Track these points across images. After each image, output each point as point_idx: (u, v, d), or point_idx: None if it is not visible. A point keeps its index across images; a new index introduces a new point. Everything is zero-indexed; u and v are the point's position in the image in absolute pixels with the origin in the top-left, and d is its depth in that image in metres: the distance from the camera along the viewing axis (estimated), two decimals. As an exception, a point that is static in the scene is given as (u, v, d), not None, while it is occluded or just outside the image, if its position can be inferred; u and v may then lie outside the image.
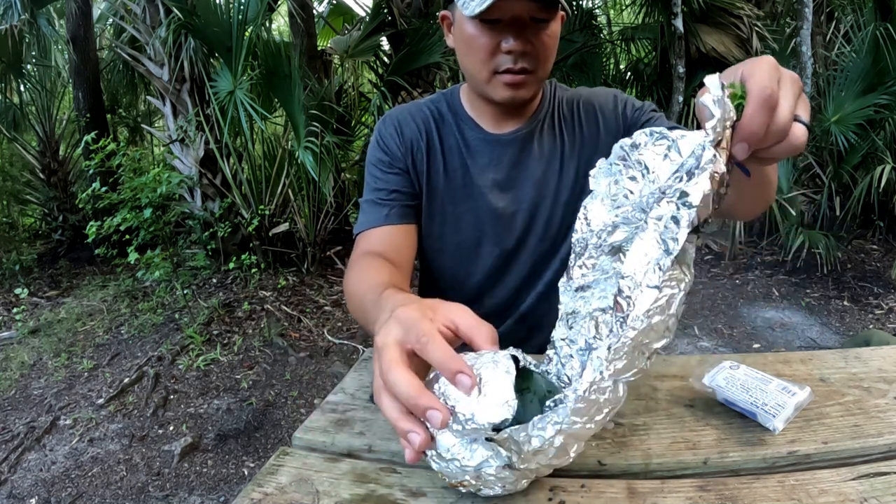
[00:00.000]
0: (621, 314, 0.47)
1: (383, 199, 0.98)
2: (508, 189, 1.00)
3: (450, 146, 1.01)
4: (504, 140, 0.99)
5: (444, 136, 1.02)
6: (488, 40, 0.86)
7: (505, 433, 0.49)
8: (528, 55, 0.86)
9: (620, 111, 0.99)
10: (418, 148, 1.00)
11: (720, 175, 0.47)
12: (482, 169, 1.00)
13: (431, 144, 1.01)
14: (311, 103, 4.15)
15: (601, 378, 0.48)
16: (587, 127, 1.00)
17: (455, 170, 1.01)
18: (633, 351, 0.47)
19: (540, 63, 0.88)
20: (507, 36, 0.84)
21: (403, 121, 1.02)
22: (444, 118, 1.02)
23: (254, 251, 4.34)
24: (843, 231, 4.30)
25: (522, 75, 0.88)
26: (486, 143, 0.99)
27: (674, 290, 0.47)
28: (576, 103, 1.02)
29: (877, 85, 4.09)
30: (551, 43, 0.89)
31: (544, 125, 1.00)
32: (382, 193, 0.98)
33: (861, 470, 0.55)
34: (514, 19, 0.84)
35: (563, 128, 1.00)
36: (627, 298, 0.47)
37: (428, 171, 1.01)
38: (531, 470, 0.52)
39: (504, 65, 0.87)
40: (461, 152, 1.01)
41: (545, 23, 0.86)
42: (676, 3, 4.50)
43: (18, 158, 5.70)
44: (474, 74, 0.92)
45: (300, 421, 2.66)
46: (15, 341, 3.56)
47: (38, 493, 2.20)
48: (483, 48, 0.87)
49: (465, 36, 0.89)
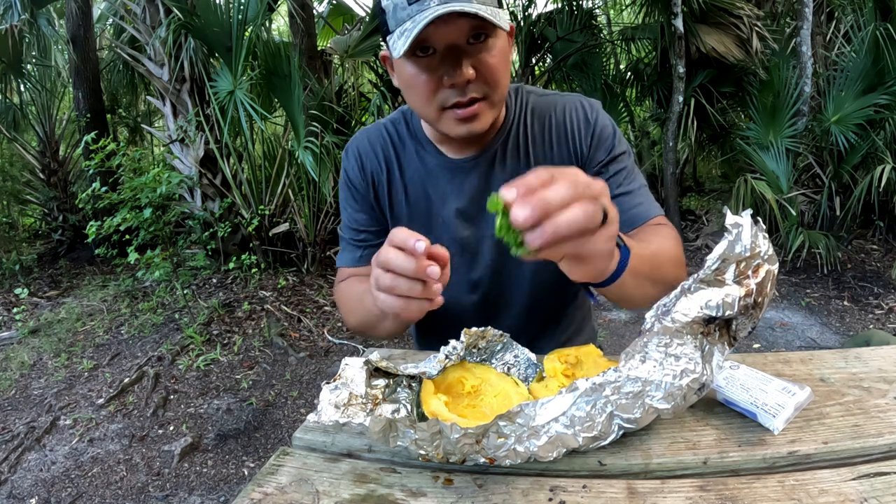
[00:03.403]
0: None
1: (355, 239, 1.00)
2: (472, 218, 0.94)
3: (411, 176, 0.96)
4: (466, 166, 0.92)
5: (405, 163, 0.96)
6: (427, 76, 0.77)
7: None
8: (475, 83, 0.78)
9: (590, 145, 0.91)
10: (379, 181, 0.97)
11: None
12: (444, 198, 0.94)
13: (392, 175, 0.96)
14: (311, 103, 4.15)
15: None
16: (557, 151, 0.92)
17: (417, 200, 0.96)
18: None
19: (491, 87, 0.79)
20: (447, 67, 0.76)
21: (364, 152, 0.97)
22: (404, 142, 0.96)
23: (254, 251, 4.34)
24: (843, 231, 4.29)
25: (474, 105, 0.79)
26: (446, 169, 0.93)
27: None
28: (548, 122, 0.92)
29: (877, 85, 4.08)
30: (500, 62, 0.79)
31: (508, 145, 0.92)
32: (354, 234, 1.00)
33: (861, 470, 0.55)
34: (449, 48, 0.75)
35: (530, 148, 0.92)
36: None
37: (390, 202, 0.97)
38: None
39: (451, 99, 0.78)
40: (422, 181, 0.95)
41: (486, 40, 0.77)
42: (676, 3, 4.50)
43: (18, 158, 5.71)
44: (423, 114, 0.85)
45: (300, 421, 2.66)
46: (15, 341, 3.56)
47: (38, 493, 2.20)
48: (423, 86, 0.78)
49: (404, 76, 0.81)
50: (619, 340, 3.42)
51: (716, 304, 0.51)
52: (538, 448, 0.54)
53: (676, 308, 0.53)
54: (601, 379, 0.55)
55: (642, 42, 5.81)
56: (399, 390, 0.68)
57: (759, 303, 0.53)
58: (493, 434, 0.54)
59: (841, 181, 4.25)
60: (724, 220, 0.51)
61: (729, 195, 4.64)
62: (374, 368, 0.67)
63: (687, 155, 5.60)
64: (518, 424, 0.54)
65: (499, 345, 0.76)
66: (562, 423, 0.55)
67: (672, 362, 0.54)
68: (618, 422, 0.57)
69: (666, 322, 0.53)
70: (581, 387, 0.55)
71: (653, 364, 0.55)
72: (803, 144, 4.30)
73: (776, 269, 0.54)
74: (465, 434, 0.53)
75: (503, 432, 0.54)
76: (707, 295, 0.52)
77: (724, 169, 5.85)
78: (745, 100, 4.82)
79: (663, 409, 0.55)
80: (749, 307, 0.52)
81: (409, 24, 0.73)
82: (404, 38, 0.73)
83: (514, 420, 0.54)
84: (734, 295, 0.51)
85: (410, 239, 0.55)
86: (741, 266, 0.51)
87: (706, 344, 0.55)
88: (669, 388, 0.54)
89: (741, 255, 0.51)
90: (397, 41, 0.75)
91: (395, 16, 0.75)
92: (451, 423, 0.52)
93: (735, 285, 0.52)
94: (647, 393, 0.55)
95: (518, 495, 0.55)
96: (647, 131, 6.22)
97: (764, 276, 0.52)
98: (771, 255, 0.52)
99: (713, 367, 0.56)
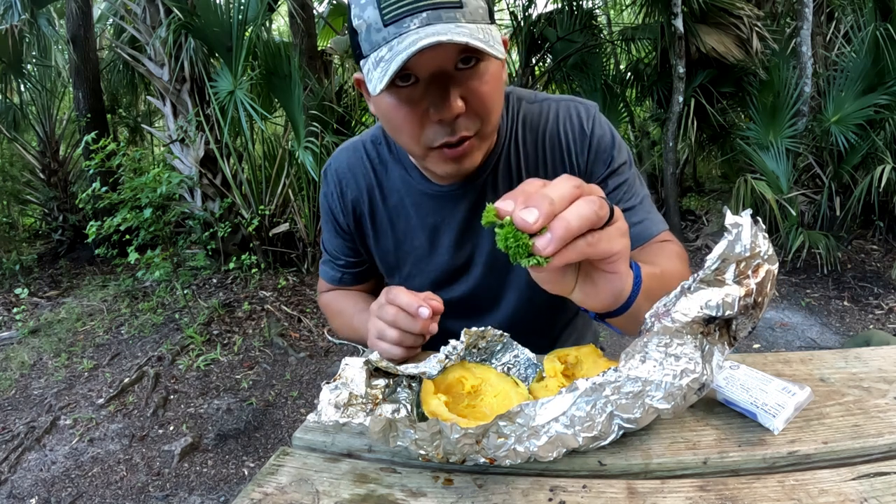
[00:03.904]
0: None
1: (335, 263, 1.00)
2: (463, 246, 0.89)
3: (395, 204, 0.88)
4: (455, 195, 0.84)
5: (388, 190, 0.88)
6: (409, 110, 0.67)
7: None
8: (465, 116, 0.68)
9: (587, 159, 0.84)
10: (361, 211, 0.90)
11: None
12: (433, 230, 0.87)
13: (374, 204, 0.89)
14: (311, 103, 4.16)
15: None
16: (552, 169, 0.84)
17: (405, 230, 0.89)
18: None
19: (484, 119, 0.70)
20: (433, 98, 0.66)
21: (344, 179, 0.90)
22: (386, 166, 0.87)
23: (254, 251, 4.34)
24: (843, 231, 4.30)
25: (464, 144, 0.70)
26: (433, 198, 0.85)
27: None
28: (541, 135, 0.84)
29: (877, 85, 4.09)
30: (492, 89, 0.69)
31: (499, 168, 0.84)
32: (334, 257, 1.00)
33: (861, 470, 0.55)
34: (434, 76, 0.65)
35: (522, 170, 0.85)
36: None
37: (375, 231, 0.92)
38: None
39: (439, 139, 0.69)
40: (407, 212, 0.87)
41: (476, 64, 0.66)
42: (676, 3, 4.50)
43: (18, 158, 5.71)
44: (407, 150, 0.77)
45: (300, 421, 2.67)
46: (15, 341, 3.56)
47: (38, 493, 2.20)
48: (406, 121, 0.68)
49: (382, 108, 0.70)
50: (620, 340, 3.42)
51: (716, 304, 0.51)
52: (538, 448, 0.54)
53: (676, 308, 0.53)
54: (601, 379, 0.55)
55: (642, 42, 5.82)
56: (399, 390, 0.68)
57: (759, 303, 0.53)
58: (493, 434, 0.54)
59: (841, 181, 4.25)
60: (724, 220, 0.51)
61: (729, 195, 4.64)
62: (374, 368, 0.67)
63: (687, 155, 5.61)
64: (518, 424, 0.54)
65: (499, 345, 0.76)
66: (562, 423, 0.55)
67: (672, 362, 0.54)
68: (618, 422, 0.57)
69: (666, 322, 0.53)
70: (581, 387, 0.55)
71: (653, 364, 0.55)
72: (803, 144, 4.30)
73: (776, 269, 0.54)
74: (465, 434, 0.53)
75: (503, 432, 0.54)
76: (707, 295, 0.52)
77: (724, 169, 5.85)
78: (745, 100, 4.82)
79: (663, 409, 0.55)
80: (749, 307, 0.52)
81: (387, 52, 0.62)
82: (381, 70, 0.62)
83: (514, 420, 0.54)
84: (734, 295, 0.51)
85: (414, 304, 0.64)
86: (741, 266, 0.51)
87: (706, 344, 0.55)
88: (669, 388, 0.54)
89: (741, 255, 0.51)
90: (373, 71, 0.64)
91: (369, 38, 0.64)
92: (451, 423, 0.52)
93: (735, 285, 0.52)
94: (647, 393, 0.55)
95: (518, 495, 0.55)
96: (647, 131, 6.22)
97: (764, 276, 0.52)
98: (771, 255, 0.52)
99: (713, 367, 0.56)
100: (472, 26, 0.62)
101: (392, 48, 0.62)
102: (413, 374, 0.68)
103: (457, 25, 0.61)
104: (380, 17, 0.62)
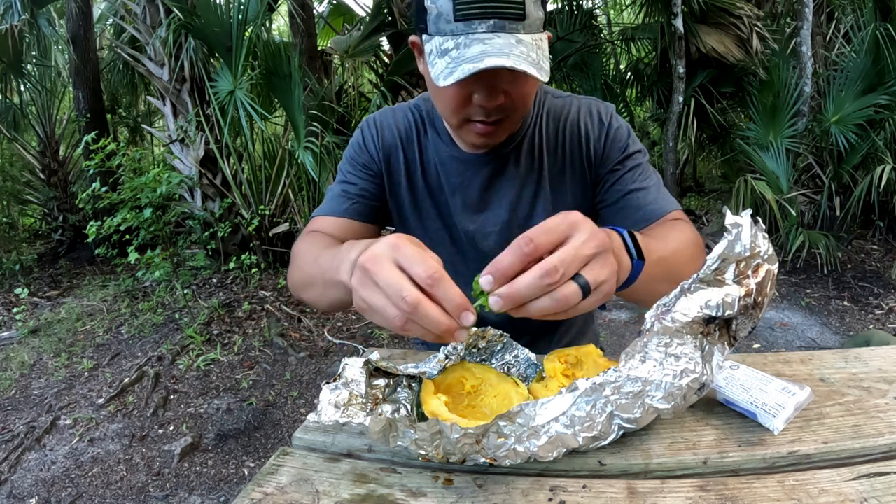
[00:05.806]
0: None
1: (349, 192, 0.97)
2: (480, 211, 0.96)
3: (428, 160, 0.97)
4: (479, 161, 0.94)
5: (425, 148, 0.97)
6: (458, 90, 0.77)
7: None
8: (501, 107, 0.79)
9: (604, 146, 0.92)
10: (396, 158, 0.97)
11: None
12: (454, 189, 0.96)
13: (411, 157, 0.97)
14: (311, 103, 4.15)
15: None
16: (570, 153, 0.94)
17: (434, 186, 0.97)
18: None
19: (515, 112, 0.82)
20: (480, 88, 0.76)
21: (387, 126, 0.98)
22: (426, 128, 0.98)
23: (254, 251, 4.35)
24: (843, 231, 4.29)
25: (496, 125, 0.82)
26: (459, 161, 0.95)
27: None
28: (563, 124, 0.94)
29: (877, 85, 4.09)
30: (531, 91, 0.82)
31: (523, 146, 0.94)
32: (350, 188, 0.97)
33: (861, 470, 0.55)
34: (488, 71, 0.73)
35: (543, 150, 0.94)
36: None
37: (409, 182, 0.98)
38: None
39: (476, 116, 0.80)
40: (437, 169, 0.97)
41: (522, 74, 0.75)
42: (676, 3, 4.50)
43: (18, 158, 5.71)
44: (445, 118, 0.88)
45: (300, 421, 2.66)
46: (15, 341, 3.56)
47: (38, 493, 2.20)
48: (453, 99, 0.79)
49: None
50: (620, 340, 3.42)
51: (716, 304, 0.51)
52: (538, 448, 0.54)
53: (676, 308, 0.53)
54: (601, 379, 0.55)
55: (642, 42, 5.82)
56: (399, 390, 0.68)
57: (759, 303, 0.53)
58: (493, 434, 0.54)
59: (841, 181, 4.25)
60: (724, 220, 0.51)
61: (729, 195, 4.64)
62: (374, 368, 0.67)
63: (687, 155, 5.61)
64: (518, 424, 0.54)
65: (499, 345, 0.76)
66: (562, 423, 0.55)
67: (672, 362, 0.54)
68: (618, 422, 0.57)
69: (666, 322, 0.53)
70: (581, 387, 0.55)
71: (653, 364, 0.55)
72: (803, 144, 4.30)
73: (776, 269, 0.54)
74: (465, 434, 0.53)
75: (503, 432, 0.54)
76: (707, 295, 0.52)
77: (724, 169, 5.85)
78: (745, 100, 4.82)
79: (663, 409, 0.55)
80: (749, 307, 0.52)
81: (453, 47, 0.70)
82: (446, 65, 0.71)
83: (514, 420, 0.54)
84: (734, 295, 0.51)
85: (460, 307, 0.50)
86: (741, 266, 0.51)
87: (706, 344, 0.55)
88: (669, 388, 0.54)
89: (741, 254, 0.51)
90: (437, 58, 0.73)
91: (437, 24, 0.72)
92: (451, 423, 0.52)
93: (735, 285, 0.52)
94: (647, 393, 0.55)
95: (518, 495, 0.55)
96: (647, 131, 6.22)
97: (764, 276, 0.52)
98: (771, 255, 0.52)
99: (713, 367, 0.56)
100: (529, 40, 0.71)
101: (459, 48, 0.70)
102: (413, 374, 0.68)
103: (517, 40, 0.70)
104: (452, 11, 0.69)
